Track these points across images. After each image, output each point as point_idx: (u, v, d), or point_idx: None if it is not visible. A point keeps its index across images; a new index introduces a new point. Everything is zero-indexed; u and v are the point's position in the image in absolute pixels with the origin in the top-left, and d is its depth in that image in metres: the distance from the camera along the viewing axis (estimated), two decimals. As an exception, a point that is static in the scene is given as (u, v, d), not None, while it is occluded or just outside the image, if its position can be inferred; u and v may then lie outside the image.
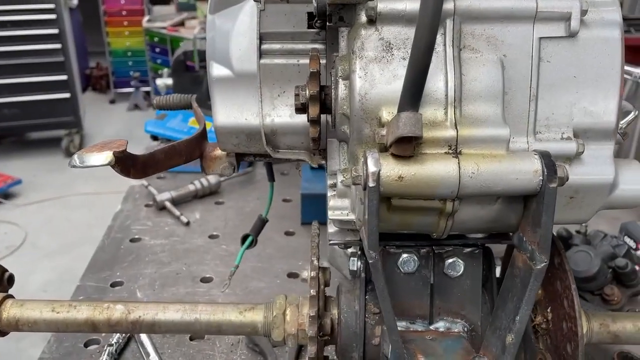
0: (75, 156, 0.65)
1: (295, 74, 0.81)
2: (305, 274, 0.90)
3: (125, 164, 0.69)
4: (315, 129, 0.70)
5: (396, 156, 0.62)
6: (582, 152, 0.67)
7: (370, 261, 0.63)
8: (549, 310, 0.84)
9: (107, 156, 0.64)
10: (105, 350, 1.09)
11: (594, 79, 0.67)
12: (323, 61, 0.80)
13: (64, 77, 5.06)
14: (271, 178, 1.07)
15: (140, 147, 1.97)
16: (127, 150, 0.70)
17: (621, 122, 0.73)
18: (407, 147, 0.61)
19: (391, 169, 0.61)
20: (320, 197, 1.50)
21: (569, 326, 0.79)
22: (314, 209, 1.55)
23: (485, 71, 0.65)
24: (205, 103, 2.28)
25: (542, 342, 0.86)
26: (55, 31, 4.93)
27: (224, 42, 0.81)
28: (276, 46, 0.80)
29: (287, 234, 1.55)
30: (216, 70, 0.82)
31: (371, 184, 0.60)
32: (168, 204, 1.64)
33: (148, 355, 1.10)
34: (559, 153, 0.67)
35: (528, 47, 0.66)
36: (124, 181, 1.06)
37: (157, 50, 5.92)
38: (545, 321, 0.85)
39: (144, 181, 1.78)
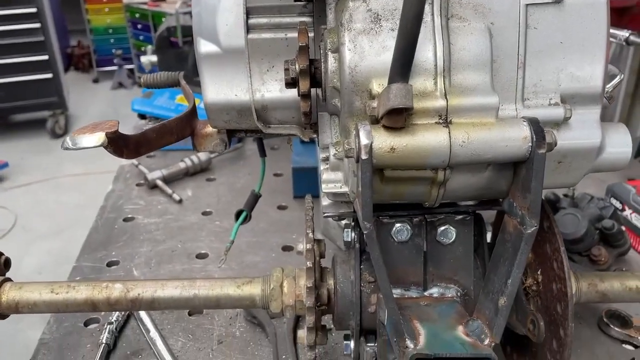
0: (68, 138, 0.65)
1: (284, 48, 0.80)
2: (301, 246, 0.91)
3: (118, 144, 0.69)
4: (306, 104, 0.71)
5: (388, 128, 0.63)
6: (570, 117, 0.69)
7: (365, 232, 0.65)
8: (539, 272, 0.87)
9: (99, 137, 0.64)
10: (106, 328, 1.10)
11: (581, 44, 0.68)
12: (311, 34, 0.80)
13: (45, 57, 4.98)
14: (262, 153, 1.07)
15: (127, 126, 1.96)
16: (119, 130, 0.70)
17: (607, 86, 0.74)
18: (398, 118, 0.61)
19: (383, 141, 0.62)
20: (311, 171, 1.51)
21: (558, 287, 0.82)
22: (305, 182, 1.56)
23: (474, 40, 0.65)
24: (192, 79, 2.26)
25: (532, 304, 0.88)
26: (33, 10, 4.83)
27: (210, 18, 0.81)
28: (263, 20, 0.80)
29: (280, 208, 1.57)
30: (204, 46, 0.81)
31: (364, 156, 0.61)
32: (160, 183, 1.64)
33: (148, 331, 1.11)
34: (547, 119, 0.68)
35: (515, 14, 0.66)
36: (113, 161, 1.06)
37: (139, 26, 5.83)
38: (536, 283, 0.87)
39: (134, 160, 1.77)
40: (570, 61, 0.68)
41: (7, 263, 0.97)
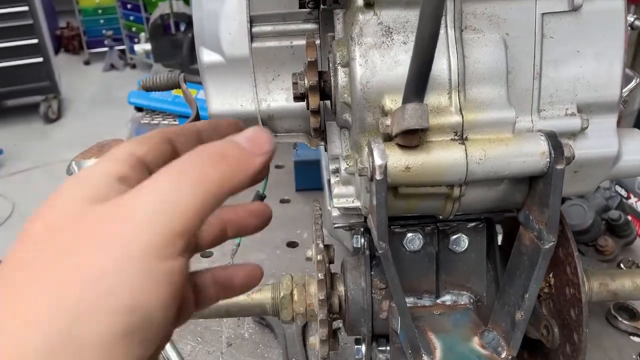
0: (73, 163, 0.63)
1: (289, 56, 0.78)
2: (309, 252, 0.90)
3: (124, 165, 0.67)
4: (316, 119, 0.69)
5: (402, 146, 0.61)
6: (587, 128, 0.67)
7: (380, 252, 0.64)
8: (551, 275, 0.86)
9: (106, 162, 0.62)
10: (114, 334, 1.10)
11: (598, 52, 0.66)
12: (317, 41, 0.77)
13: (34, 41, 4.88)
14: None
15: (122, 112, 1.93)
16: (124, 150, 0.68)
17: (623, 91, 0.72)
18: (413, 137, 0.60)
19: (398, 160, 0.61)
20: (313, 164, 1.49)
21: (572, 292, 0.81)
22: (307, 175, 1.54)
23: (488, 52, 0.63)
24: (189, 67, 2.22)
25: (545, 306, 0.88)
26: (20, -8, 4.72)
27: (212, 26, 0.78)
28: (267, 28, 0.77)
29: (283, 201, 1.55)
30: (206, 56, 0.79)
31: (378, 177, 0.59)
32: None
33: (157, 336, 1.11)
34: (563, 130, 0.67)
35: (531, 23, 0.64)
36: None
37: (129, 6, 5.71)
38: (548, 286, 0.86)
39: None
40: (587, 70, 0.66)
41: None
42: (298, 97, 0.69)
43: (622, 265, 1.23)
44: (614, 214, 1.22)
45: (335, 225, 0.82)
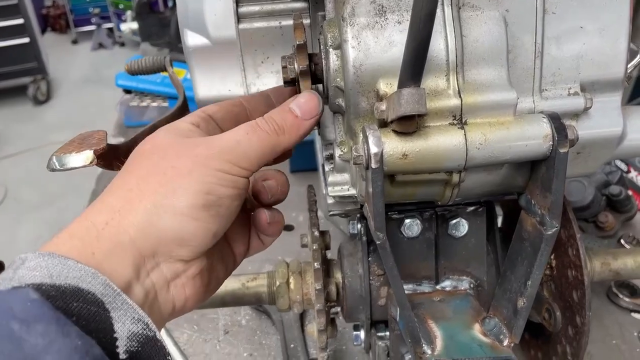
0: (54, 158, 0.60)
1: (279, 37, 0.75)
2: (305, 239, 0.88)
3: (108, 158, 0.64)
4: (308, 105, 0.65)
5: (398, 132, 0.58)
6: (590, 107, 0.64)
7: (378, 242, 0.61)
8: (552, 257, 0.84)
9: (87, 156, 0.59)
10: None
11: (602, 28, 0.63)
12: (307, 21, 0.74)
13: (20, 21, 4.76)
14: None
15: (112, 92, 1.87)
16: (107, 142, 0.65)
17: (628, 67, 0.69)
18: (410, 123, 0.57)
19: (394, 147, 0.58)
20: (308, 144, 1.46)
21: (574, 274, 0.79)
22: (302, 156, 1.50)
23: (487, 30, 0.60)
24: (177, 46, 2.16)
25: (546, 289, 0.86)
26: (3, -29, 4.59)
27: (196, 7, 0.74)
28: (255, 8, 0.73)
29: (277, 183, 1.52)
30: (191, 39, 0.75)
31: (374, 165, 0.57)
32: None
33: (152, 325, 1.09)
34: (566, 110, 0.64)
35: (532, -1, 0.61)
36: (101, 126, 1.00)
37: (115, -17, 5.59)
38: (550, 268, 0.85)
39: (121, 138, 1.71)
40: (591, 47, 0.63)
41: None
42: (288, 82, 0.66)
43: (622, 241, 1.22)
44: (615, 190, 1.20)
45: (331, 213, 0.79)
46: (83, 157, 0.59)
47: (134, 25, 2.31)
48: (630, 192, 1.25)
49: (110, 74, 1.98)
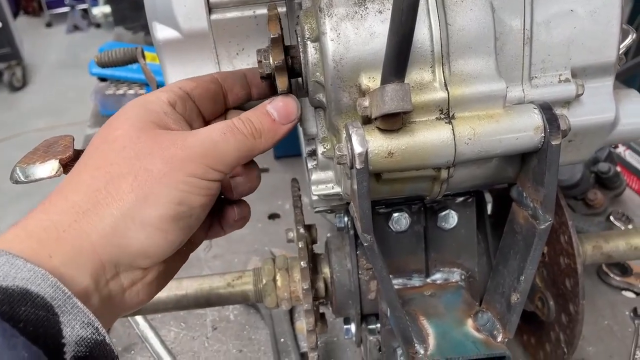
0: (18, 169, 0.56)
1: (253, 27, 0.70)
2: (291, 234, 0.85)
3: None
4: (286, 102, 0.62)
5: (383, 130, 0.55)
6: (582, 94, 0.61)
7: (365, 244, 0.58)
8: (544, 244, 0.82)
9: (52, 167, 0.55)
10: (93, 325, 1.05)
11: (593, 10, 0.59)
12: (283, 9, 0.69)
13: (-11, 5, 4.62)
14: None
15: (88, 77, 1.79)
16: (74, 148, 0.61)
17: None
18: (395, 120, 0.53)
19: (379, 146, 0.55)
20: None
21: (567, 262, 0.78)
22: (286, 141, 1.47)
23: (474, 17, 0.56)
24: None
25: (538, 275, 0.84)
26: (-32, -47, 4.42)
27: (165, -2, 0.70)
28: (227, -3, 0.69)
29: (262, 170, 1.48)
30: (161, 32, 0.70)
31: (359, 165, 0.53)
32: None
33: (137, 324, 1.06)
34: (557, 98, 0.61)
35: (519, -19, 0.57)
36: (80, 111, 0.95)
37: (87, -38, 5.42)
38: (542, 255, 0.83)
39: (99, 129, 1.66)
40: (582, 31, 0.60)
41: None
42: (265, 78, 0.62)
43: (612, 218, 1.21)
44: (604, 167, 1.19)
45: (316, 210, 0.76)
46: (48, 168, 0.56)
47: (107, 9, 2.22)
48: (618, 169, 1.23)
49: (87, 57, 1.90)
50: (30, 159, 0.57)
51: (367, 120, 0.56)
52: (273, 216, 1.32)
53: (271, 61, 0.59)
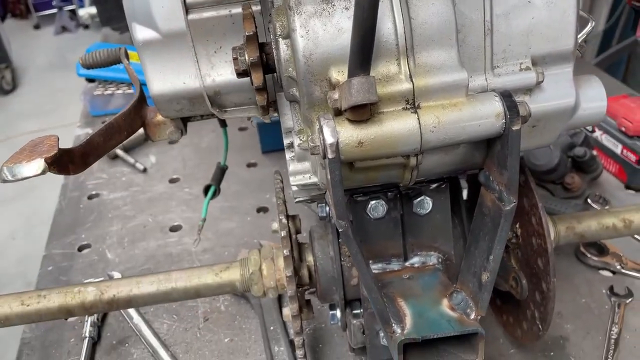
0: (5, 169, 0.59)
1: (230, 26, 0.73)
2: (275, 225, 0.88)
3: (62, 163, 0.63)
4: (262, 97, 0.65)
5: (353, 121, 0.58)
6: (542, 81, 0.65)
7: (340, 230, 0.62)
8: (517, 225, 0.86)
9: (38, 165, 0.58)
10: (87, 320, 1.08)
11: (549, 1, 0.63)
12: (257, 7, 0.72)
13: (-24, 9, 4.62)
14: (223, 124, 1.01)
15: (78, 78, 1.81)
16: (59, 147, 0.63)
17: (578, 36, 0.69)
18: (364, 111, 0.57)
19: (349, 136, 0.58)
20: (277, 124, 1.45)
21: (538, 242, 0.81)
22: (272, 135, 1.51)
23: (436, 11, 0.59)
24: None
25: (513, 256, 0.88)
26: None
27: (143, 0, 0.72)
28: (203, -2, 0.72)
29: (250, 165, 1.52)
30: (140, 33, 0.73)
31: (330, 155, 0.57)
32: (120, 152, 1.57)
33: (131, 318, 1.09)
34: (519, 85, 0.64)
35: (478, -25, 0.60)
36: (70, 112, 0.97)
37: (73, -37, 5.41)
38: (515, 236, 0.86)
39: (89, 129, 1.69)
40: (540, 21, 0.63)
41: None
42: (241, 74, 0.65)
43: (589, 200, 1.24)
44: (580, 151, 1.22)
45: (297, 200, 0.79)
46: (34, 167, 0.58)
47: (93, 10, 2.24)
48: (595, 152, 1.27)
49: (76, 58, 1.91)
50: (17, 158, 0.60)
51: (338, 112, 0.60)
52: (261, 209, 1.35)
53: (246, 58, 0.62)
